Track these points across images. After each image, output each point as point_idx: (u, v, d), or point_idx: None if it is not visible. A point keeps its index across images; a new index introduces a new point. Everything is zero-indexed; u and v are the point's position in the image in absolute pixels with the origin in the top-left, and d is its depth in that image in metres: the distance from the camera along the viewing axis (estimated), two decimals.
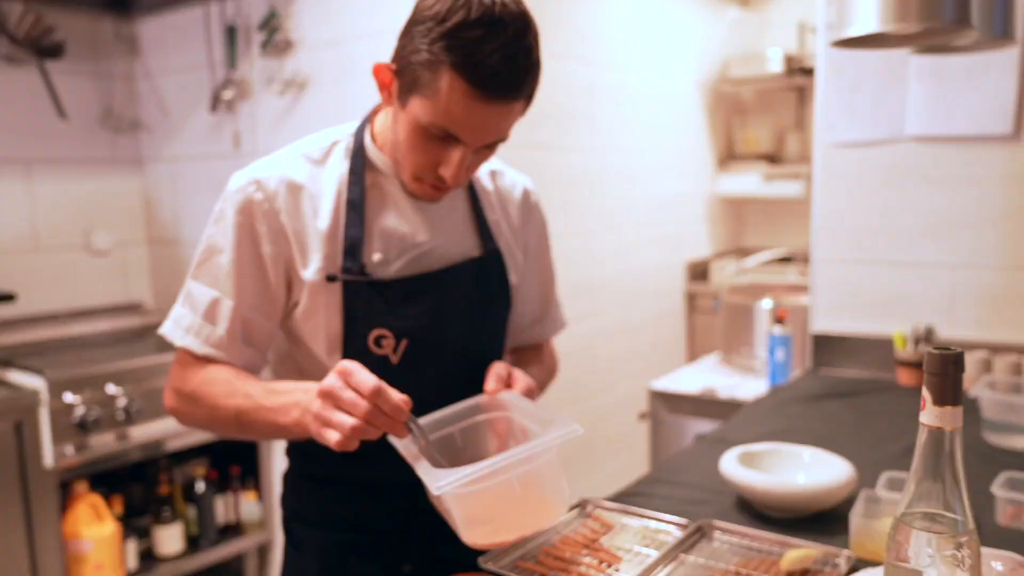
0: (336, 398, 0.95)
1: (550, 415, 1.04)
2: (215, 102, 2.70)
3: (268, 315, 1.16)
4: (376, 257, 1.15)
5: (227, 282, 1.13)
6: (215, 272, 1.14)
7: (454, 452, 1.08)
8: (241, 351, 1.15)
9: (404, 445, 1.00)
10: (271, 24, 2.51)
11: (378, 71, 1.09)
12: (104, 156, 2.95)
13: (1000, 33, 1.49)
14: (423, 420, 1.07)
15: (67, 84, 2.79)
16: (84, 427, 2.22)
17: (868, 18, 1.31)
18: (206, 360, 1.14)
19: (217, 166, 2.80)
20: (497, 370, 1.14)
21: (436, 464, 0.99)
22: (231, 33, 2.62)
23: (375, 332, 1.14)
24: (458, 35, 0.97)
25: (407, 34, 1.04)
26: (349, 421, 0.93)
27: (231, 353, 1.14)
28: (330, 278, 1.13)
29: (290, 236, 1.14)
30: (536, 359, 1.39)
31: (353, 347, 1.14)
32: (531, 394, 1.13)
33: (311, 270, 1.13)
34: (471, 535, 0.99)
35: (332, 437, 0.94)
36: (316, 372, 1.18)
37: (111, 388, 2.31)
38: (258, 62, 2.61)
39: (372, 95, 2.60)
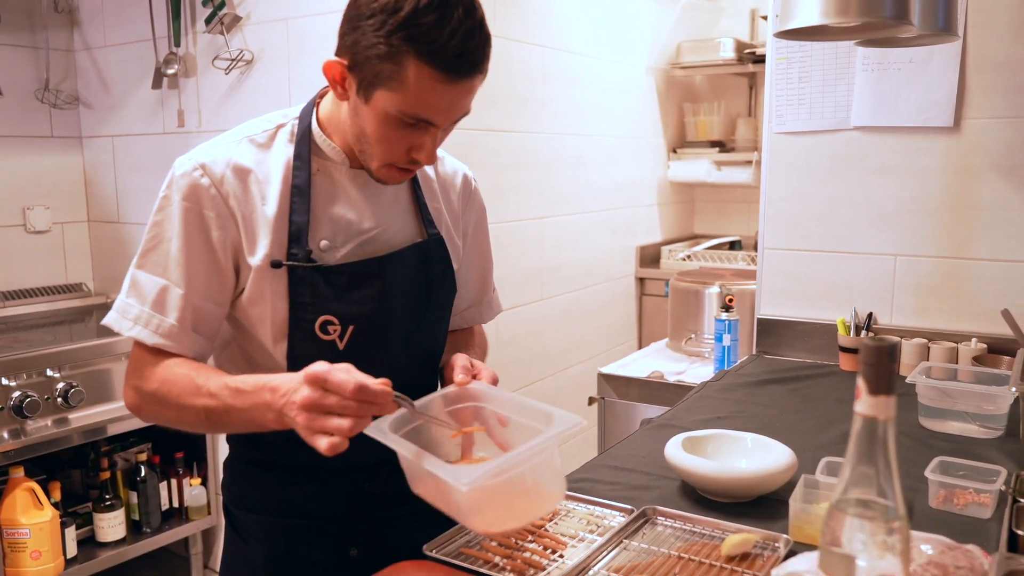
0: (322, 406, 0.93)
1: (528, 403, 1.07)
2: (158, 78, 2.62)
3: (218, 302, 1.13)
4: (322, 243, 1.14)
5: (176, 270, 1.10)
6: (162, 260, 1.11)
7: (426, 443, 1.06)
8: (192, 340, 1.12)
9: (399, 445, 0.99)
10: None
11: (329, 68, 1.07)
12: (42, 132, 2.85)
13: (942, 27, 1.52)
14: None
15: (2, 57, 2.69)
16: (20, 412, 2.16)
17: (810, 11, 1.33)
18: (160, 352, 1.11)
19: (160, 143, 2.73)
20: (462, 362, 1.15)
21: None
22: (175, 6, 2.55)
23: (321, 318, 1.13)
24: (414, 23, 0.98)
25: (356, 28, 1.02)
26: (345, 423, 0.92)
27: (182, 343, 1.11)
28: (275, 264, 1.11)
29: (239, 221, 1.12)
30: (471, 343, 1.41)
31: (299, 333, 1.13)
32: (495, 383, 1.14)
33: (258, 256, 1.12)
34: (478, 524, 1.00)
35: (325, 443, 0.92)
36: (261, 359, 1.17)
37: (50, 371, 2.25)
38: (203, 38, 2.54)
39: (320, 74, 2.55)
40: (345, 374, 0.93)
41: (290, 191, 1.13)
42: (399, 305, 1.19)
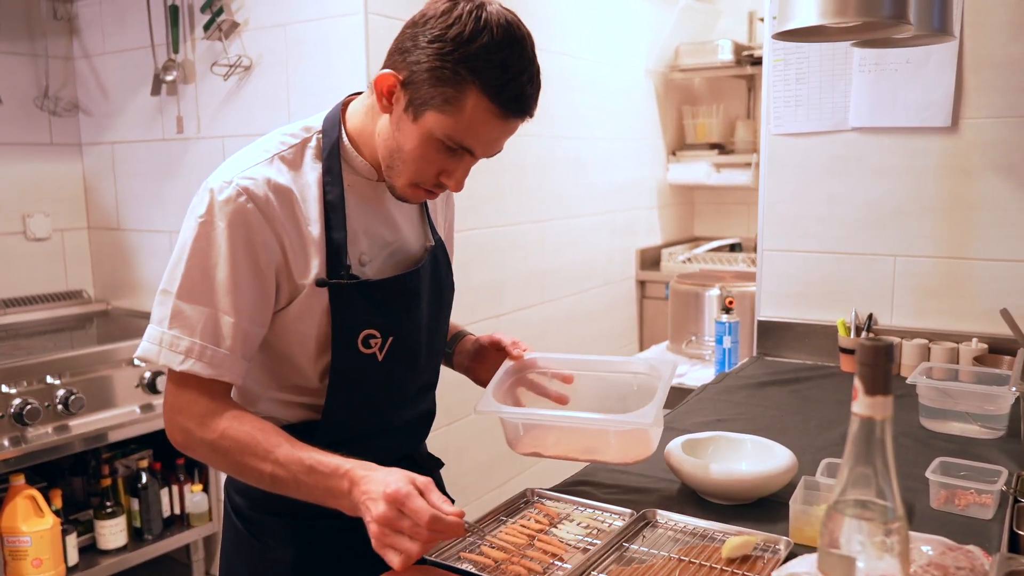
0: (396, 526, 0.97)
1: (578, 359, 1.33)
2: (157, 85, 2.63)
3: (261, 324, 1.13)
4: (363, 257, 1.16)
5: (225, 298, 1.08)
6: (209, 288, 1.08)
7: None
8: (242, 366, 1.11)
9: (516, 413, 1.24)
10: (214, 5, 2.45)
11: (382, 80, 1.08)
12: (42, 140, 2.85)
13: (938, 28, 1.52)
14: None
15: (1, 65, 2.69)
16: (21, 419, 2.15)
17: (808, 12, 1.33)
18: (211, 385, 1.09)
19: (160, 150, 2.73)
20: (507, 340, 1.33)
21: None
22: (173, 13, 2.55)
23: (363, 332, 1.15)
24: (485, 58, 1.01)
25: (417, 48, 1.04)
26: (415, 548, 0.96)
27: (234, 370, 1.10)
28: (320, 283, 1.11)
29: (285, 243, 1.11)
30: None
31: (342, 348, 1.14)
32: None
33: (310, 276, 1.11)
34: (623, 456, 1.24)
35: (396, 559, 0.97)
36: (289, 373, 1.18)
37: (50, 379, 2.25)
38: (201, 44, 2.55)
39: (318, 79, 2.56)
40: (421, 502, 0.96)
41: (324, 207, 1.13)
42: (422, 312, 1.23)
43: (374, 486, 0.98)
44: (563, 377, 1.30)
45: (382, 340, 1.16)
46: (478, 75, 1.01)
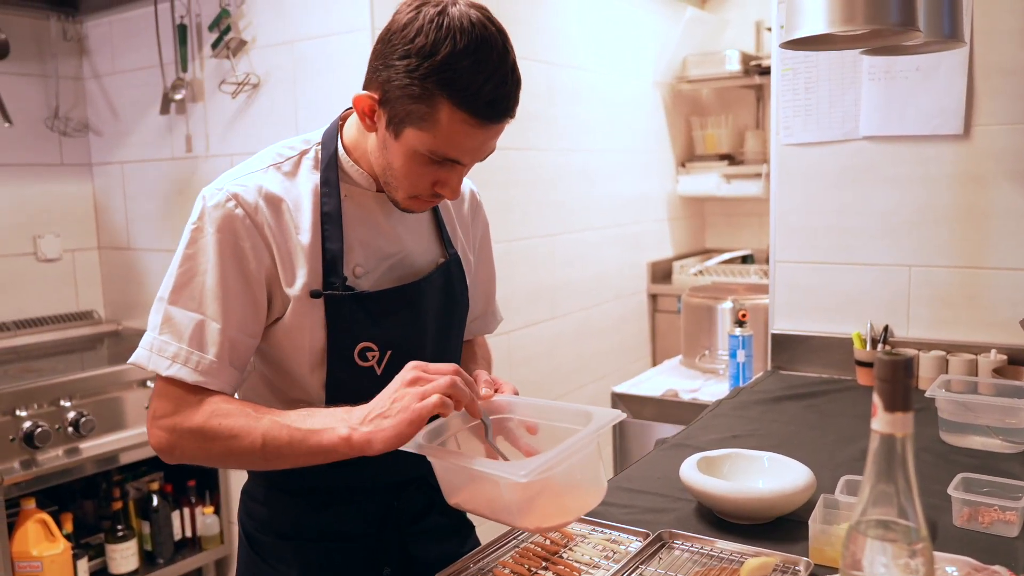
0: (422, 379, 1.00)
1: (559, 405, 1.13)
2: (166, 104, 2.63)
3: (252, 334, 1.12)
4: (357, 269, 1.14)
5: (212, 304, 1.08)
6: (197, 294, 1.08)
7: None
8: (230, 375, 1.10)
9: (437, 454, 1.01)
10: (222, 23, 2.45)
11: (359, 101, 1.07)
12: (52, 160, 2.87)
13: (948, 34, 1.50)
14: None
15: (12, 86, 2.71)
16: (31, 442, 2.15)
17: (816, 19, 1.31)
18: (198, 390, 1.08)
19: (169, 169, 2.74)
20: (484, 377, 1.17)
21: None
22: (181, 33, 2.56)
23: (360, 345, 1.13)
24: (450, 68, 0.98)
25: (387, 66, 1.02)
26: (444, 380, 0.99)
27: (221, 378, 1.08)
28: (315, 294, 1.10)
29: (274, 251, 1.10)
30: (477, 354, 1.44)
31: (338, 360, 1.13)
32: (516, 394, 1.17)
33: (297, 286, 1.10)
34: (529, 521, 1.00)
35: (432, 401, 0.97)
36: (289, 387, 1.17)
37: (60, 401, 2.24)
38: (209, 62, 2.56)
39: (326, 96, 2.56)
40: (444, 363, 1.03)
41: (320, 218, 1.12)
42: (428, 326, 1.21)
43: (387, 386, 1.02)
44: (528, 426, 1.13)
45: (380, 353, 1.14)
46: (446, 88, 0.98)
